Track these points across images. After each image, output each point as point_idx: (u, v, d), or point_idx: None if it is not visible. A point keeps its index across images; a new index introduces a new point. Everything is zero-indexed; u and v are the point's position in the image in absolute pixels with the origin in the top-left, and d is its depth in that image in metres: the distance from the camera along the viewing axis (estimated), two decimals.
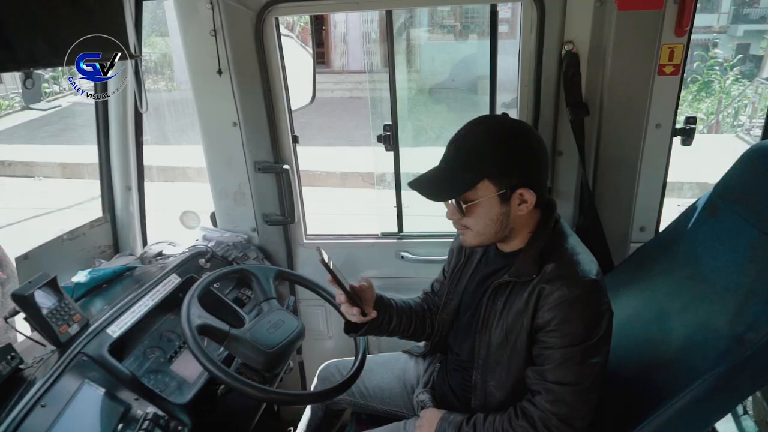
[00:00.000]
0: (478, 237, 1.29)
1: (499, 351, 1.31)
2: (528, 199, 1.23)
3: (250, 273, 1.73)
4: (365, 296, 1.45)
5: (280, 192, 2.04)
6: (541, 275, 1.22)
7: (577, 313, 1.18)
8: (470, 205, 1.23)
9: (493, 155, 1.20)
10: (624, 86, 1.68)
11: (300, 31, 2.50)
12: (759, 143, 1.38)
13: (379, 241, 2.14)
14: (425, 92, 11.33)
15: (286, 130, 1.99)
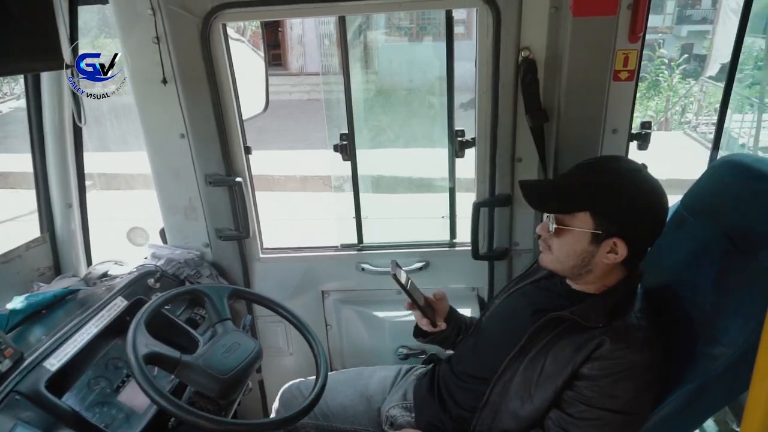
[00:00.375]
0: (554, 263, 1.28)
1: (525, 382, 1.26)
2: (619, 252, 1.20)
3: (202, 293, 1.64)
4: (437, 307, 1.53)
5: (234, 205, 1.95)
6: (606, 327, 1.19)
7: (630, 380, 1.15)
8: (562, 229, 1.22)
9: (608, 196, 1.19)
10: (581, 92, 1.67)
11: (252, 35, 2.40)
12: (726, 156, 1.39)
13: (339, 253, 2.07)
14: (383, 94, 11.32)
15: (238, 141, 1.90)
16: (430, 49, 10.92)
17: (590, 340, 1.18)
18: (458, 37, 6.74)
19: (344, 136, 1.91)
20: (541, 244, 1.30)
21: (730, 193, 1.31)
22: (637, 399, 1.17)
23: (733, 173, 1.32)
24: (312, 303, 2.13)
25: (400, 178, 6.61)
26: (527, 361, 1.26)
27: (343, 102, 1.93)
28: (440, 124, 6.73)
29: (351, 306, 2.09)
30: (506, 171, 1.85)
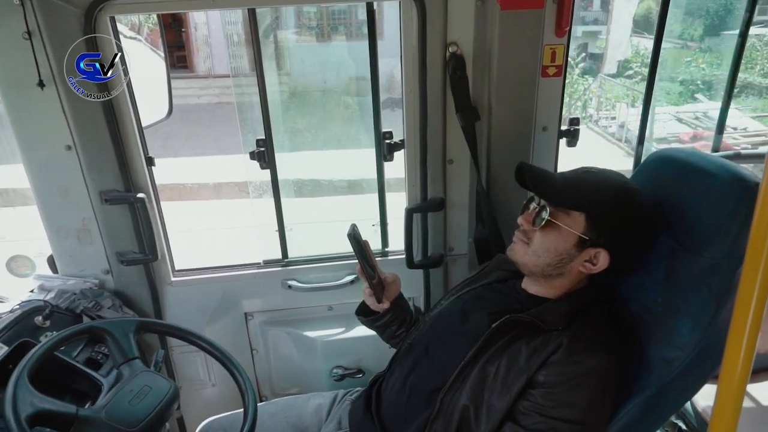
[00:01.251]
0: (528, 256, 1.20)
1: (478, 386, 1.17)
2: (599, 264, 1.17)
3: (102, 330, 1.41)
4: (388, 289, 1.44)
5: (137, 225, 1.71)
6: (564, 330, 1.13)
7: (587, 388, 1.09)
8: (551, 223, 1.15)
9: (611, 205, 1.15)
10: (511, 89, 1.60)
11: (149, 33, 2.15)
12: (658, 152, 1.35)
13: (262, 271, 1.88)
14: (298, 95, 11.06)
15: (138, 152, 1.66)
16: (343, 49, 10.83)
17: (547, 344, 1.12)
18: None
19: (261, 142, 1.73)
20: (519, 236, 1.23)
21: (667, 189, 1.27)
22: (593, 407, 1.10)
23: (668, 169, 1.29)
24: (234, 327, 1.92)
25: (323, 181, 6.44)
26: (480, 366, 1.17)
27: (256, 104, 1.76)
28: (359, 124, 6.65)
29: (278, 327, 1.91)
30: (438, 174, 1.75)
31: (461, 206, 1.81)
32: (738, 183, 1.10)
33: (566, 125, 1.78)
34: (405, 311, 1.52)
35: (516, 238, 1.24)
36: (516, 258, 1.24)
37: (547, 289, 1.25)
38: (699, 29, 11.98)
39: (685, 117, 9.42)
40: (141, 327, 1.47)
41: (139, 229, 1.71)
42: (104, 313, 1.70)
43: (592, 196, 1.16)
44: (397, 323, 1.50)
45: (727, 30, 11.04)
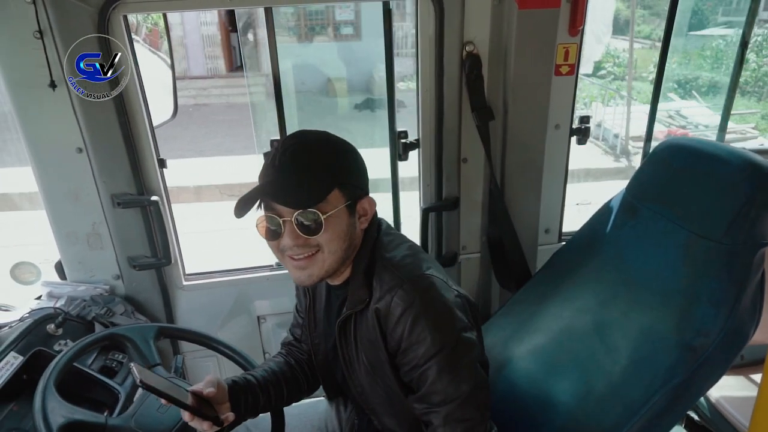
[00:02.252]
0: (329, 261, 1.07)
1: (374, 389, 1.17)
2: (368, 210, 1.12)
3: (123, 337, 1.38)
4: (216, 399, 1.13)
5: (149, 229, 1.67)
6: (373, 297, 1.09)
7: (423, 318, 1.04)
8: (327, 218, 1.03)
9: (337, 162, 1.08)
10: (527, 87, 1.62)
11: (147, 34, 2.11)
12: (667, 140, 1.38)
13: (275, 273, 1.86)
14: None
15: (150, 153, 1.63)
16: (321, 50, 10.79)
17: (373, 319, 1.09)
18: (347, 38, 6.70)
19: (276, 143, 1.70)
20: (298, 256, 1.06)
21: (680, 177, 1.30)
22: (444, 330, 1.06)
23: (679, 157, 1.32)
24: (247, 331, 1.90)
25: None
26: (362, 376, 1.17)
27: (238, 106, 1.73)
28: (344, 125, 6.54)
29: None
30: (453, 173, 1.76)
31: (474, 205, 1.82)
32: (751, 168, 1.13)
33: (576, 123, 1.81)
34: (247, 388, 1.23)
35: (296, 265, 1.08)
36: (317, 276, 1.10)
37: (342, 273, 1.15)
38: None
39: (659, 115, 9.63)
40: (161, 333, 1.44)
41: (151, 233, 1.67)
42: (117, 319, 1.66)
43: (327, 169, 1.06)
44: (252, 402, 1.23)
45: (692, 30, 11.34)
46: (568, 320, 1.47)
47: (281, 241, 1.05)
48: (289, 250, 1.06)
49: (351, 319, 1.14)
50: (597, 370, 1.32)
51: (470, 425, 1.08)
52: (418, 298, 1.05)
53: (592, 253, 1.50)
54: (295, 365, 1.37)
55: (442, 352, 1.04)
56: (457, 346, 1.06)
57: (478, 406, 1.08)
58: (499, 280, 1.84)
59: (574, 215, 2.05)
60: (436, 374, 1.05)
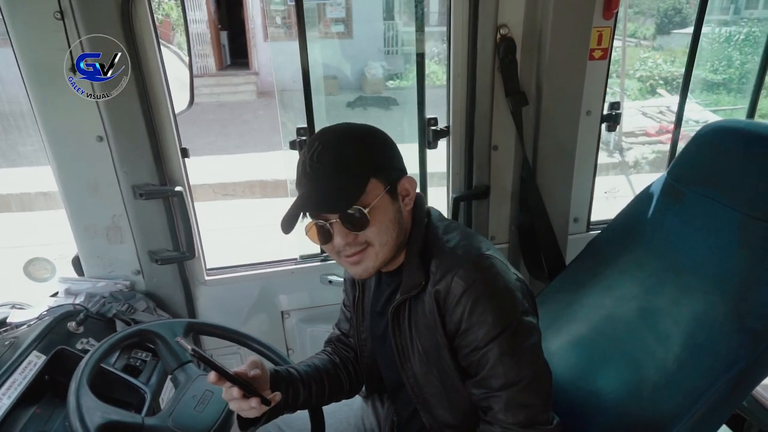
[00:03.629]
0: (381, 253, 1.05)
1: (428, 379, 1.12)
2: (410, 190, 1.09)
3: (153, 334, 1.32)
4: (258, 383, 1.08)
5: (171, 221, 1.60)
6: (431, 279, 1.05)
7: (484, 298, 1.01)
8: (370, 211, 1.02)
9: (366, 151, 1.05)
10: (561, 72, 1.59)
11: (158, 25, 2.04)
12: (712, 123, 1.35)
13: (299, 267, 1.80)
14: (267, 95, 10.86)
15: (174, 143, 1.56)
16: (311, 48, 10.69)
17: (430, 302, 1.05)
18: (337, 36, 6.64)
19: (302, 131, 1.65)
20: (350, 253, 1.05)
21: (729, 160, 1.27)
22: (505, 311, 1.02)
23: (727, 140, 1.29)
24: (269, 326, 1.84)
25: None
26: (416, 365, 1.12)
27: (229, 104, 1.67)
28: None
29: (317, 325, 1.84)
30: (483, 160, 1.72)
31: (504, 193, 1.78)
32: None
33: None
34: (289, 380, 1.20)
35: (350, 260, 1.06)
36: (373, 269, 1.08)
37: (396, 259, 1.12)
38: (651, 28, 12.42)
39: (650, 111, 9.71)
40: (191, 328, 1.38)
41: (174, 226, 1.61)
42: (139, 316, 1.59)
43: (356, 162, 1.02)
44: (293, 396, 1.19)
45: (677, 29, 11.45)
46: (609, 309, 1.43)
47: (334, 242, 1.04)
48: (343, 249, 1.05)
49: (405, 305, 1.10)
50: (647, 359, 1.28)
51: (533, 412, 1.03)
52: (479, 277, 1.01)
53: (633, 240, 1.47)
54: (340, 363, 1.32)
55: (503, 334, 1.01)
56: (519, 328, 1.02)
57: (540, 392, 1.04)
58: (531, 270, 1.80)
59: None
60: (497, 357, 1.01)
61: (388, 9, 10.09)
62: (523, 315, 1.04)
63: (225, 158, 8.02)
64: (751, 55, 9.87)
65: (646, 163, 7.95)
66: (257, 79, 11.26)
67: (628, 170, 7.57)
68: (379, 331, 1.22)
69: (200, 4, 10.57)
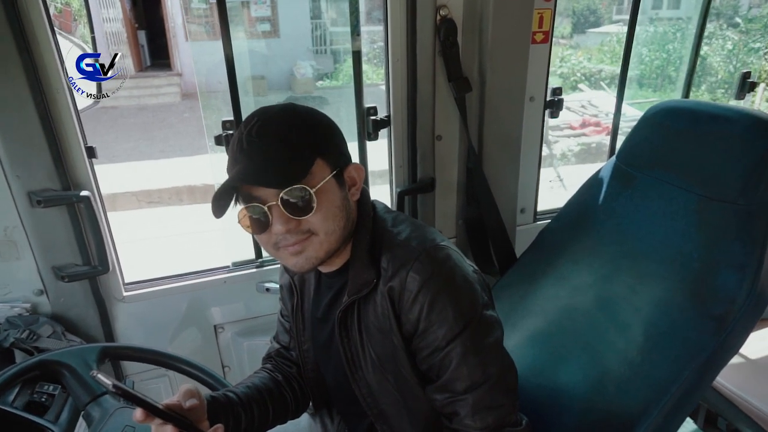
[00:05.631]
0: (326, 243, 0.93)
1: (383, 388, 1.01)
2: (356, 178, 0.97)
3: (57, 364, 1.14)
4: (194, 414, 0.90)
5: (78, 231, 1.39)
6: (382, 276, 0.95)
7: (443, 293, 0.91)
8: (316, 193, 0.88)
9: (311, 130, 0.93)
10: (504, 55, 1.52)
11: (56, 15, 1.81)
12: (658, 105, 1.31)
13: (232, 275, 1.63)
14: (192, 97, 10.39)
15: (77, 142, 1.36)
16: (239, 48, 10.32)
17: (383, 301, 0.95)
18: (263, 35, 6.46)
19: (228, 124, 1.49)
20: (291, 242, 0.91)
21: (681, 141, 1.23)
22: (465, 306, 0.94)
23: (676, 120, 1.25)
24: (201, 343, 1.66)
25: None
26: (368, 374, 1.01)
27: (151, 107, 1.52)
28: None
29: (255, 338, 1.67)
30: (427, 152, 1.62)
31: (449, 186, 1.69)
32: (763, 126, 1.08)
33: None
34: (228, 405, 1.05)
35: (291, 249, 0.92)
36: (315, 260, 0.95)
37: (338, 257, 1.01)
38: (568, 27, 12.97)
39: (573, 106, 10.09)
40: (105, 354, 1.20)
41: (82, 236, 1.40)
42: (43, 343, 1.37)
43: (302, 139, 0.90)
44: (234, 423, 1.04)
45: (592, 28, 12.00)
46: (566, 300, 1.37)
47: (272, 231, 0.90)
48: (282, 239, 0.90)
49: (354, 308, 0.99)
50: (609, 351, 1.22)
51: (502, 413, 0.95)
52: (436, 270, 0.91)
53: (585, 228, 1.41)
54: (282, 381, 1.17)
55: (466, 331, 0.92)
56: (481, 324, 0.94)
57: (508, 391, 0.97)
58: (480, 264, 1.72)
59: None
60: (460, 357, 0.92)
61: (315, 7, 9.92)
62: (483, 309, 0.95)
63: (149, 164, 7.59)
64: (658, 51, 10.48)
65: (572, 155, 8.26)
66: (180, 81, 10.75)
67: (557, 162, 7.81)
68: (323, 339, 1.09)
69: (114, 2, 9.94)
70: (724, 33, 8.29)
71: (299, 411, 1.21)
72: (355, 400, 1.06)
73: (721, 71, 8.28)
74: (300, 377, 1.19)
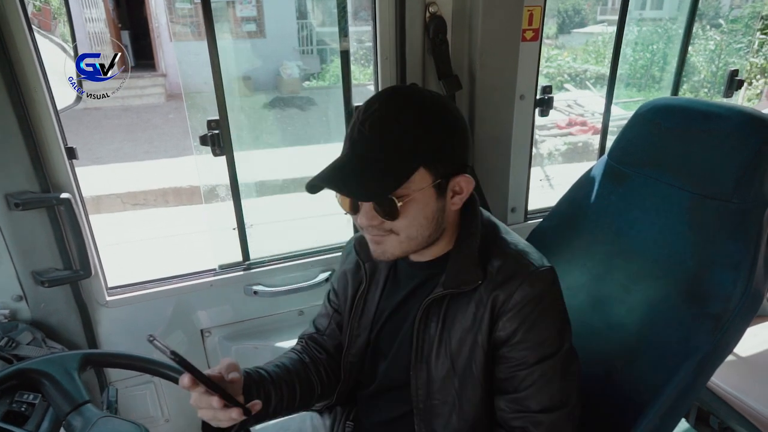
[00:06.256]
0: (405, 244, 0.95)
1: (444, 386, 1.01)
2: (464, 189, 0.96)
3: (37, 372, 1.09)
4: (233, 388, 0.94)
5: (59, 235, 1.35)
6: (489, 280, 0.95)
7: (547, 314, 0.95)
8: (404, 203, 0.89)
9: (426, 132, 0.89)
10: (495, 54, 1.50)
11: (35, 13, 1.77)
12: (650, 102, 1.30)
13: (219, 278, 1.59)
14: (177, 98, 10.27)
15: (57, 142, 1.31)
16: (224, 48, 10.23)
17: (482, 304, 0.96)
18: (249, 35, 6.42)
19: (213, 124, 1.45)
20: (376, 234, 0.94)
21: (671, 138, 1.22)
22: (562, 331, 0.97)
23: (670, 118, 1.24)
24: (189, 348, 1.62)
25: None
26: (435, 368, 1.01)
27: (135, 108, 1.48)
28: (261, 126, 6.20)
29: (243, 342, 1.64)
30: None
31: None
32: (756, 123, 1.07)
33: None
34: (261, 382, 1.08)
35: (372, 238, 0.96)
36: (392, 255, 0.97)
37: (434, 248, 1.02)
38: (553, 28, 13.06)
39: (559, 105, 10.15)
40: (87, 361, 1.16)
41: (63, 240, 1.35)
42: (23, 351, 1.32)
43: (411, 144, 0.88)
44: (265, 400, 1.05)
45: (576, 28, 12.07)
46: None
47: (358, 218, 0.94)
48: (366, 228, 0.95)
49: (443, 300, 0.99)
50: (603, 354, 1.21)
51: None
52: (546, 291, 0.95)
53: (577, 227, 1.40)
54: (310, 365, 1.17)
55: (557, 355, 0.95)
56: (569, 351, 0.97)
57: (575, 420, 0.98)
58: None
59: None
60: (546, 378, 0.94)
61: (301, 7, 9.86)
62: (570, 339, 0.98)
63: (134, 165, 7.50)
64: (643, 52, 10.60)
65: (559, 155, 8.30)
66: (165, 81, 10.63)
67: (544, 162, 7.84)
68: (391, 327, 1.09)
69: (96, 2, 9.80)
70: (706, 33, 8.38)
71: (324, 397, 1.20)
72: (401, 391, 1.06)
73: (704, 71, 8.38)
74: (327, 365, 1.19)
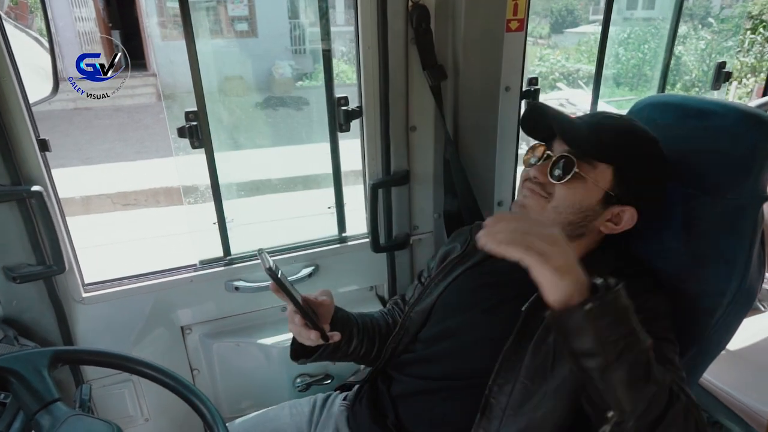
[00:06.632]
0: (549, 212, 1.01)
1: (531, 372, 0.97)
2: (623, 223, 1.03)
3: (4, 370, 1.06)
4: (321, 312, 1.09)
5: (31, 229, 1.31)
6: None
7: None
8: (577, 176, 0.98)
9: (635, 155, 1.02)
10: (479, 43, 1.47)
11: (12, 7, 1.74)
12: (647, 99, 1.28)
13: (200, 273, 1.56)
14: (170, 98, 10.20)
15: (28, 134, 1.27)
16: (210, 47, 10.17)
17: None
18: (241, 35, 6.40)
19: (192, 115, 1.42)
20: (534, 189, 1.02)
21: (667, 135, 1.20)
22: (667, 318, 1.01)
23: (664, 114, 1.22)
24: (167, 346, 1.58)
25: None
26: (530, 352, 0.97)
27: (126, 108, 1.45)
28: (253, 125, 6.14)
29: (224, 339, 1.60)
30: (401, 143, 1.57)
31: (425, 178, 1.64)
32: (752, 120, 1.05)
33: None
34: (347, 322, 1.21)
35: (528, 190, 1.03)
36: (531, 211, 1.03)
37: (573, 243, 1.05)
38: (546, 28, 13.06)
39: (551, 104, 10.14)
40: (58, 359, 1.12)
41: (35, 234, 1.31)
42: None
43: (619, 145, 1.00)
44: (347, 340, 1.19)
45: (569, 28, 12.10)
46: None
47: (531, 169, 1.03)
48: (531, 179, 1.03)
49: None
50: None
51: None
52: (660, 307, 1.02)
53: None
54: (393, 326, 1.28)
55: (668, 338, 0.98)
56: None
57: None
58: None
59: None
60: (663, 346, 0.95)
61: (293, 7, 9.81)
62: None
63: (125, 165, 7.43)
64: (635, 51, 10.60)
65: None
66: (156, 81, 10.55)
67: None
68: (463, 297, 1.15)
69: (86, 1, 9.73)
70: (698, 33, 8.42)
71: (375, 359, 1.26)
72: (462, 367, 1.07)
73: (695, 69, 8.40)
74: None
